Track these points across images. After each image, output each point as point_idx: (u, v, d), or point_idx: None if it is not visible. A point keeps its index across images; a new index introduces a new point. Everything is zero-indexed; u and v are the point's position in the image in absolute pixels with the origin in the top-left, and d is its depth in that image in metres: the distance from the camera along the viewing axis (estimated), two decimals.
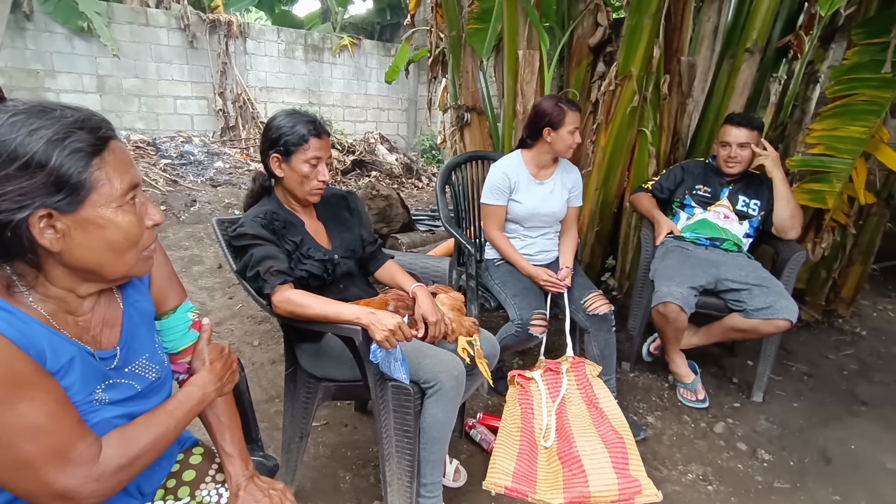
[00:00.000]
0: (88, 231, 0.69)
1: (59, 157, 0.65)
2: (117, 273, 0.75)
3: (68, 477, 0.67)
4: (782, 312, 1.96)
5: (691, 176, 2.37)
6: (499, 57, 3.12)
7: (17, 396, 0.65)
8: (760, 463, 1.89)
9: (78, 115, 0.69)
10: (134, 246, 0.74)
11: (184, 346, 0.94)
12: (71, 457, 0.68)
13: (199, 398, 0.86)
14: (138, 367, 0.84)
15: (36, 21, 5.99)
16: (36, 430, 0.66)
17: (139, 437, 0.76)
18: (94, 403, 0.75)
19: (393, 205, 3.86)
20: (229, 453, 0.95)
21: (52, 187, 0.65)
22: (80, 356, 0.74)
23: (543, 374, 1.93)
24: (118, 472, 0.72)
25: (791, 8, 2.82)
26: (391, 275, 1.64)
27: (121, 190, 0.71)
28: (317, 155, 1.43)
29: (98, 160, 0.68)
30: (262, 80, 7.75)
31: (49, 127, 0.65)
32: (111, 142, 0.71)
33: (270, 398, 2.14)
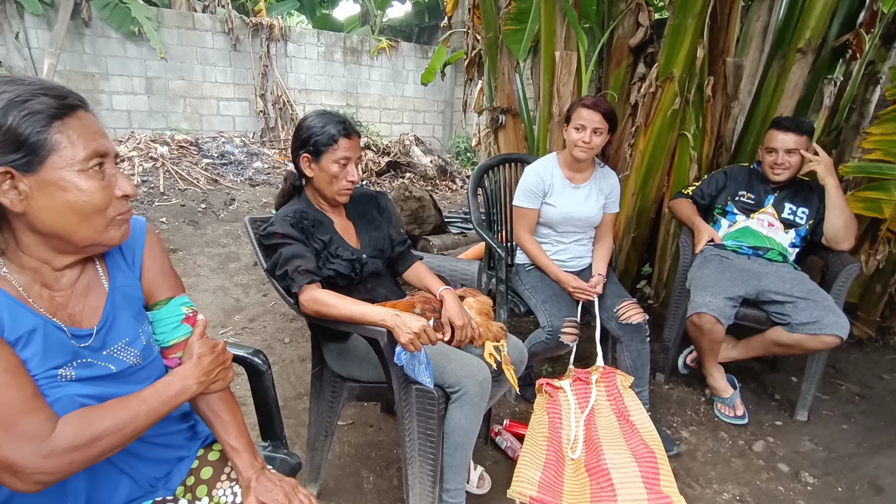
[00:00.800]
0: (50, 193, 0.70)
1: (16, 118, 0.66)
2: (85, 238, 0.75)
3: (14, 450, 0.66)
4: (831, 328, 1.84)
5: (734, 182, 2.27)
6: (535, 58, 3.08)
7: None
8: (804, 486, 1.78)
9: (46, 84, 0.71)
10: (100, 211, 0.74)
11: (175, 339, 0.92)
12: (19, 429, 0.67)
13: (177, 389, 0.81)
14: (116, 351, 0.82)
15: (93, 26, 6.30)
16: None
17: (103, 418, 0.73)
18: (56, 379, 0.74)
19: (425, 206, 3.86)
20: (235, 448, 0.94)
21: (9, 145, 0.66)
22: (44, 329, 0.74)
23: (573, 384, 1.87)
24: (71, 451, 0.69)
25: (851, 5, 2.67)
26: (419, 276, 1.63)
27: (84, 154, 0.71)
28: (346, 155, 1.43)
29: (59, 123, 0.70)
30: (302, 82, 7.91)
31: (11, 91, 0.67)
32: (78, 110, 0.73)
33: (299, 395, 2.16)
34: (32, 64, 6.04)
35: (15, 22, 5.94)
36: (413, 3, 9.62)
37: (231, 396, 0.98)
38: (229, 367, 0.92)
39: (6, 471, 0.66)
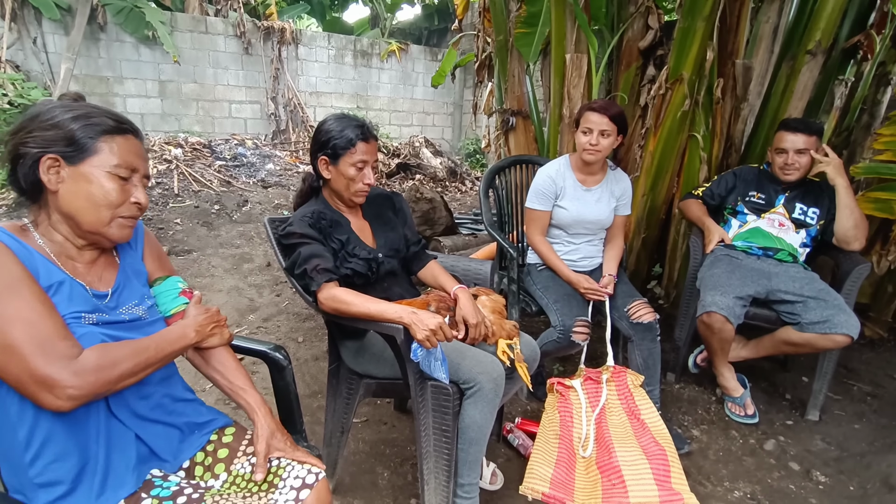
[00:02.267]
0: (79, 182, 0.88)
1: (78, 125, 0.88)
2: (89, 224, 0.91)
3: (49, 366, 0.77)
4: (841, 327, 1.85)
5: (744, 182, 2.28)
6: (546, 61, 3.11)
7: (10, 291, 0.79)
8: (815, 485, 1.79)
9: (115, 113, 0.93)
10: (109, 207, 0.91)
11: (175, 308, 1.06)
12: (53, 349, 0.79)
13: (177, 334, 0.97)
14: (127, 310, 0.97)
15: (108, 31, 6.41)
16: (25, 321, 0.78)
17: (120, 347, 0.87)
18: (80, 320, 0.87)
19: (436, 208, 3.90)
20: (242, 387, 1.05)
21: (66, 142, 0.87)
22: (70, 283, 0.89)
23: (584, 383, 1.90)
24: (97, 371, 0.81)
25: (861, 6, 2.67)
26: (434, 275, 1.66)
27: (117, 162, 0.90)
28: (363, 159, 1.47)
29: (108, 137, 0.90)
30: (313, 85, 7.98)
31: (85, 109, 0.90)
32: (128, 133, 0.93)
33: (313, 393, 2.20)
34: (49, 68, 6.16)
35: (33, 27, 6.05)
36: (422, 5, 9.67)
37: (232, 353, 1.11)
38: (224, 326, 1.08)
39: (43, 386, 0.77)
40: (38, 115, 0.88)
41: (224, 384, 1.07)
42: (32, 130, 0.86)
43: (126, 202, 0.93)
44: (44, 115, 0.88)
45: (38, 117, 0.88)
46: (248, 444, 1.06)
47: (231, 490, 0.98)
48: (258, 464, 0.96)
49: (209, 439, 1.06)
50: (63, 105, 0.90)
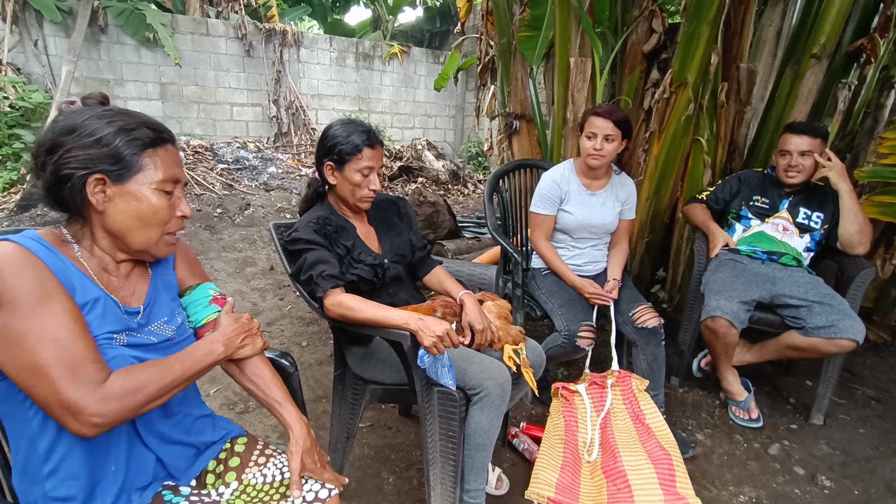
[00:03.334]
0: (127, 201, 0.86)
1: (122, 141, 0.84)
2: (139, 243, 0.90)
3: (76, 391, 0.75)
4: (846, 332, 1.85)
5: (748, 187, 2.28)
6: (549, 64, 3.11)
7: (44, 309, 0.76)
8: (820, 490, 1.79)
9: (149, 119, 0.89)
10: (159, 224, 0.90)
11: (206, 318, 1.03)
12: (81, 373, 0.76)
13: (205, 350, 0.93)
14: (156, 327, 0.95)
15: (109, 33, 6.41)
16: (55, 341, 0.76)
17: (146, 370, 0.84)
18: (111, 341, 0.86)
19: (440, 211, 3.90)
20: (279, 401, 1.02)
21: (110, 160, 0.83)
22: (104, 301, 0.87)
23: (588, 388, 1.90)
24: (122, 397, 0.79)
25: (865, 9, 2.67)
26: (439, 280, 1.66)
27: (162, 177, 0.88)
28: (369, 165, 1.47)
29: (151, 151, 0.87)
30: (314, 88, 7.98)
31: (123, 120, 0.86)
32: (167, 143, 0.90)
33: (317, 398, 2.20)
34: (50, 71, 6.16)
35: (34, 30, 6.06)
36: (425, 8, 9.68)
37: (268, 362, 1.07)
38: (256, 335, 1.03)
39: (68, 412, 0.75)
40: (75, 129, 0.83)
41: (260, 396, 1.03)
42: (72, 148, 0.82)
43: (173, 217, 0.92)
44: (82, 129, 0.83)
45: (76, 132, 0.83)
46: (260, 454, 1.06)
47: (241, 499, 0.98)
48: (293, 481, 0.95)
49: (221, 448, 1.07)
50: (97, 114, 0.85)
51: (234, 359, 1.00)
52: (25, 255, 0.77)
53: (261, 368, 1.04)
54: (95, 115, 0.85)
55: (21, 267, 0.76)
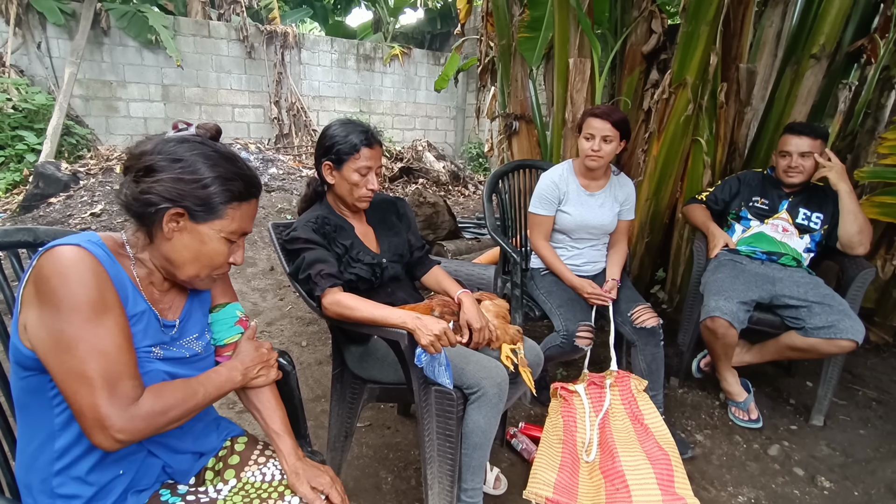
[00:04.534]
0: (194, 238, 0.89)
1: (216, 188, 0.87)
2: (185, 276, 0.92)
3: (110, 405, 0.76)
4: (846, 332, 1.85)
5: (748, 187, 2.28)
6: (549, 65, 3.11)
7: (100, 320, 0.77)
8: (820, 491, 1.78)
9: (247, 171, 0.92)
10: (210, 267, 0.92)
11: (229, 338, 1.05)
12: (119, 389, 0.78)
13: (224, 377, 0.96)
14: (188, 342, 0.97)
15: (112, 35, 6.44)
16: (104, 353, 0.77)
17: (174, 392, 0.85)
18: (149, 355, 0.88)
19: (439, 212, 3.90)
20: (278, 433, 1.04)
21: (198, 201, 0.86)
22: (148, 314, 0.90)
23: (587, 388, 1.90)
24: (149, 417, 0.80)
25: (865, 10, 2.67)
26: (437, 280, 1.66)
27: (233, 229, 0.91)
28: (367, 164, 1.47)
29: (236, 204, 0.90)
30: (316, 89, 8.00)
31: (223, 168, 0.88)
32: (253, 199, 0.94)
33: (316, 397, 2.20)
34: (53, 73, 6.19)
35: (37, 32, 6.09)
36: (425, 10, 9.70)
37: (276, 392, 1.09)
38: (272, 366, 1.06)
39: (97, 425, 0.76)
40: (180, 162, 0.85)
41: (261, 422, 1.06)
42: (170, 179, 0.84)
43: (225, 262, 0.94)
44: (185, 165, 0.85)
45: (180, 164, 0.85)
46: (260, 454, 1.06)
47: (239, 496, 0.98)
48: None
49: (221, 445, 1.07)
50: (205, 154, 0.87)
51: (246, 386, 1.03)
52: (92, 263, 0.78)
53: (268, 398, 1.06)
54: (203, 154, 0.87)
55: (87, 274, 0.77)
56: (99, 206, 4.69)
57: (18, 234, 1.07)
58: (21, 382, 0.82)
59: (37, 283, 0.76)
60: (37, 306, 0.76)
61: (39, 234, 1.09)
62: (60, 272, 0.76)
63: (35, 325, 0.76)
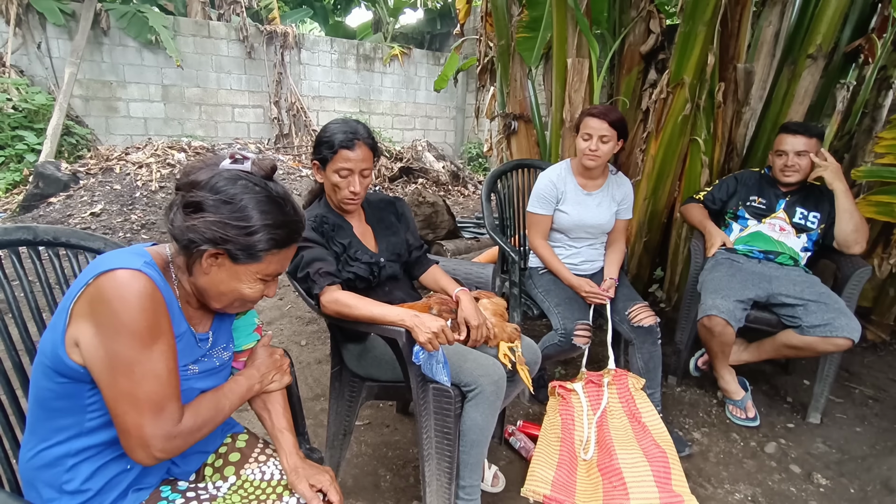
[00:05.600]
0: (230, 276, 0.89)
1: (260, 235, 0.87)
2: (217, 306, 0.95)
3: (155, 427, 0.79)
4: (842, 331, 1.86)
5: (745, 187, 2.29)
6: (547, 65, 3.12)
7: (155, 345, 0.80)
8: (816, 488, 1.79)
9: (293, 217, 0.92)
10: (241, 300, 0.94)
11: (247, 345, 1.08)
12: (165, 411, 0.81)
13: (245, 387, 0.99)
14: (217, 352, 1.00)
15: (111, 36, 6.45)
16: (158, 376, 0.80)
17: (207, 409, 0.89)
18: (187, 373, 0.91)
19: (439, 212, 3.91)
20: (281, 430, 1.06)
21: (240, 245, 0.86)
22: (188, 333, 0.92)
23: (585, 387, 1.91)
24: (185, 436, 0.84)
25: (863, 10, 2.68)
26: (435, 279, 1.67)
27: (270, 272, 0.92)
28: (346, 167, 1.44)
29: (276, 251, 0.90)
30: (315, 90, 8.02)
31: (272, 216, 0.88)
32: (292, 244, 0.94)
33: (316, 396, 2.21)
34: (53, 73, 6.20)
35: (37, 32, 6.10)
36: (425, 10, 9.72)
37: (285, 394, 1.13)
38: (285, 371, 1.09)
39: (140, 444, 0.80)
40: (230, 205, 0.84)
41: (267, 423, 1.08)
42: (217, 222, 0.83)
43: (258, 298, 0.95)
44: (233, 209, 0.84)
45: (229, 206, 0.84)
46: (261, 452, 1.08)
47: (238, 494, 0.99)
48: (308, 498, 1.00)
49: (222, 442, 1.09)
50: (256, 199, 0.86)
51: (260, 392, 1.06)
52: (152, 290, 0.80)
53: (278, 400, 1.09)
54: (255, 198, 0.86)
55: (147, 301, 0.79)
56: (99, 205, 4.70)
57: (18, 232, 1.07)
58: (55, 386, 0.83)
59: (95, 303, 0.77)
60: (93, 326, 0.77)
61: (39, 232, 1.10)
62: (122, 297, 0.77)
63: (90, 344, 0.78)
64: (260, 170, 0.90)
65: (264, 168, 0.91)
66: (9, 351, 1.04)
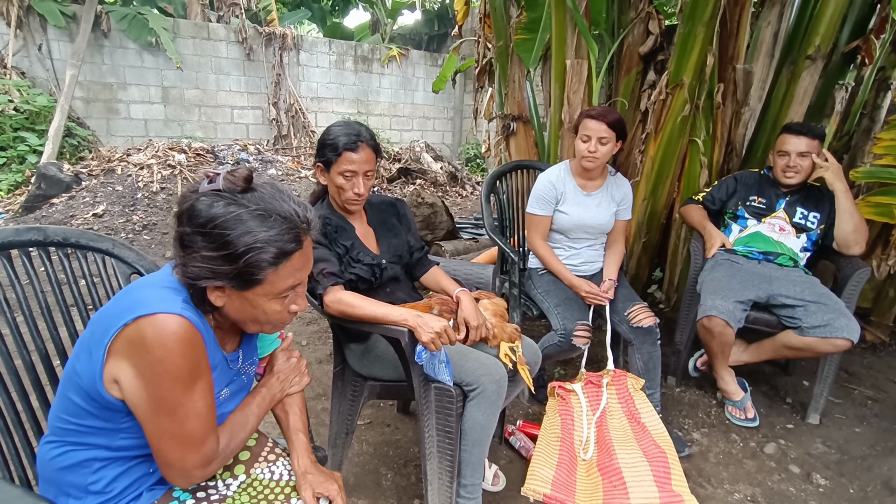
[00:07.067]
0: (244, 304, 0.87)
1: (245, 261, 0.81)
2: (251, 331, 0.96)
3: (196, 459, 0.83)
4: (842, 331, 1.86)
5: (745, 187, 2.30)
6: (546, 66, 3.13)
7: (196, 385, 0.82)
8: (816, 488, 1.80)
9: (286, 225, 0.84)
10: (268, 323, 0.92)
11: (270, 350, 1.10)
12: (205, 445, 0.84)
13: (269, 399, 1.03)
14: (244, 367, 1.02)
15: (112, 38, 6.46)
16: (199, 414, 0.82)
17: (238, 433, 0.94)
18: (219, 399, 0.92)
19: (437, 212, 3.92)
20: (296, 431, 1.06)
21: (234, 275, 0.83)
22: (222, 363, 0.94)
23: (584, 387, 1.91)
24: (222, 461, 0.89)
25: (861, 11, 2.69)
26: (436, 280, 1.68)
27: (280, 289, 0.87)
28: (350, 168, 1.46)
29: (274, 269, 0.84)
30: (314, 91, 8.03)
31: (254, 234, 0.81)
32: (297, 251, 0.86)
33: (317, 396, 2.22)
34: (54, 75, 6.21)
35: (38, 34, 6.11)
36: (423, 11, 9.73)
37: (303, 396, 1.14)
38: (304, 374, 1.11)
39: (182, 475, 0.84)
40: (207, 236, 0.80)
41: (283, 423, 1.08)
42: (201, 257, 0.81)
43: (285, 316, 0.92)
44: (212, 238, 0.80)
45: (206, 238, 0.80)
46: (270, 451, 1.08)
47: (247, 493, 0.99)
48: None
49: None
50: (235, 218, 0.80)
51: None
52: (192, 334, 0.80)
53: (295, 400, 1.10)
54: (233, 218, 0.81)
55: (189, 347, 0.79)
56: (101, 206, 4.70)
57: (29, 233, 1.09)
58: (90, 409, 0.84)
59: (136, 347, 0.77)
60: (135, 368, 0.78)
61: (49, 233, 1.12)
62: (166, 345, 0.77)
63: (132, 385, 0.78)
64: (233, 184, 0.83)
65: (237, 181, 0.83)
66: (20, 349, 1.05)
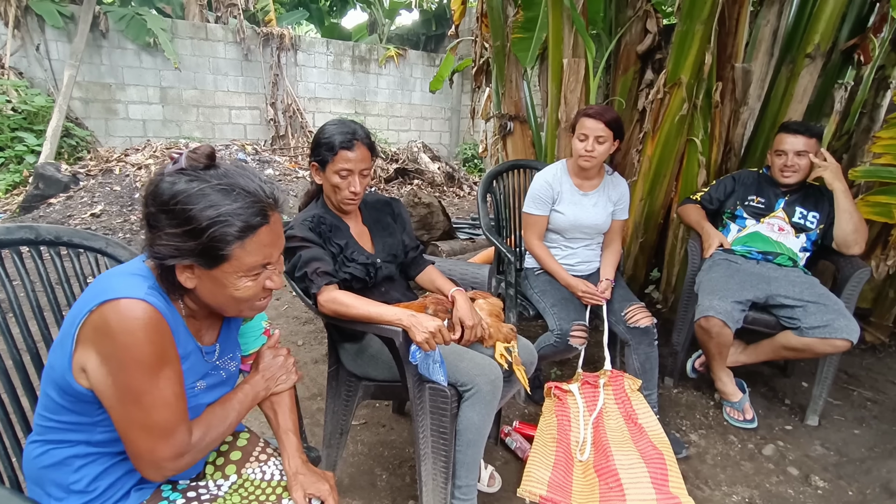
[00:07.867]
0: (215, 284, 0.85)
1: (208, 236, 0.80)
2: (230, 313, 0.93)
3: (166, 450, 0.81)
4: (841, 332, 1.85)
5: (743, 186, 2.28)
6: (543, 66, 3.12)
7: (162, 372, 0.80)
8: (814, 490, 1.78)
9: (250, 199, 0.83)
10: (246, 302, 0.90)
11: (255, 349, 1.07)
12: (175, 435, 0.82)
13: (252, 396, 1.00)
14: (223, 363, 0.99)
15: (110, 38, 6.45)
16: (166, 403, 0.80)
17: (216, 427, 0.91)
18: (194, 390, 0.90)
19: (434, 212, 3.90)
20: (286, 431, 1.04)
21: (200, 251, 0.81)
22: (195, 353, 0.91)
23: (581, 387, 1.90)
24: (196, 454, 0.86)
25: (860, 9, 2.68)
26: (431, 279, 1.66)
27: (249, 265, 0.85)
28: (346, 167, 1.45)
29: (240, 244, 0.82)
30: (311, 91, 8.01)
31: (216, 208, 0.80)
32: (263, 226, 0.84)
33: (312, 396, 2.20)
34: (53, 75, 6.19)
35: (36, 35, 6.09)
36: (420, 11, 9.73)
37: (293, 394, 1.11)
38: (292, 371, 1.08)
39: (152, 466, 0.82)
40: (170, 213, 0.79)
41: (273, 423, 1.06)
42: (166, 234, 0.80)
43: (259, 291, 0.90)
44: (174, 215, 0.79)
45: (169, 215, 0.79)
46: (261, 451, 1.06)
47: (238, 493, 0.98)
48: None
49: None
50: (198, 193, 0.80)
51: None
52: (158, 321, 0.79)
53: (285, 400, 1.07)
54: (195, 194, 0.80)
55: (154, 334, 0.78)
56: (99, 206, 4.69)
57: (20, 231, 1.08)
58: (64, 403, 0.83)
59: (100, 334, 0.77)
60: (100, 356, 0.77)
61: (41, 232, 1.10)
62: (129, 331, 0.76)
63: (98, 373, 0.78)
64: (195, 161, 0.83)
65: (199, 158, 0.83)
66: (10, 349, 1.03)
